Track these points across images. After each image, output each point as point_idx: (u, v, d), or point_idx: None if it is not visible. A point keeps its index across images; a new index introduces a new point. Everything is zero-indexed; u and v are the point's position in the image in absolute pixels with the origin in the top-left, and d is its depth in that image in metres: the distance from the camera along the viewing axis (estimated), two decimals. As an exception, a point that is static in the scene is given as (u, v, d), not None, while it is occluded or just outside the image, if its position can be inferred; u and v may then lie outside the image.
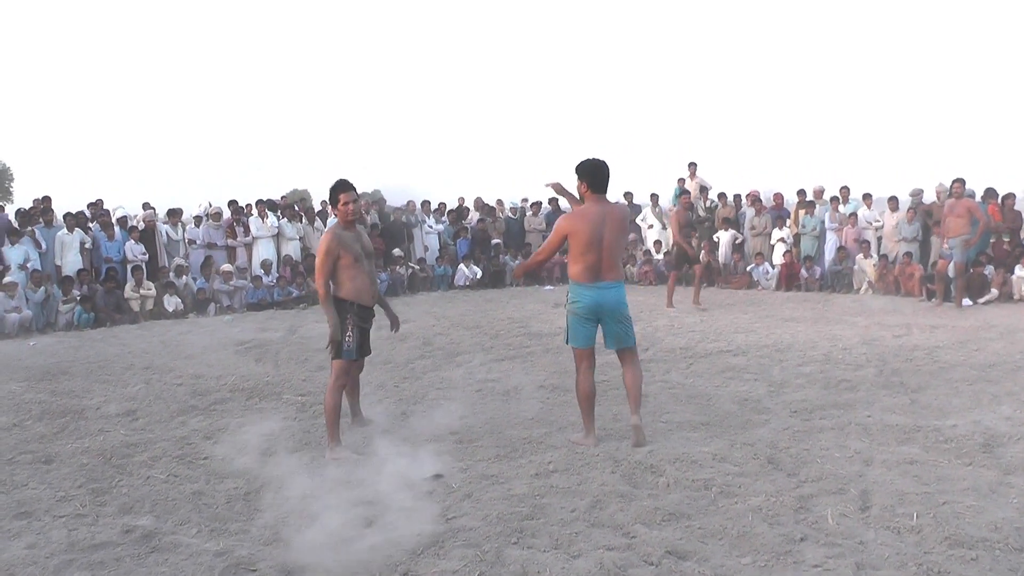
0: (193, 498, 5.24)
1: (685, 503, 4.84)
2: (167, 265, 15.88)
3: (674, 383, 8.17)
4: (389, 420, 7.05)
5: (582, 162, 6.13)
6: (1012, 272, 14.36)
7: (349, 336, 6.25)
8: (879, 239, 17.23)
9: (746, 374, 8.50)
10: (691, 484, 5.16)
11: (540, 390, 8.00)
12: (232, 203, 17.50)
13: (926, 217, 16.36)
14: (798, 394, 7.56)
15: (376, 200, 20.16)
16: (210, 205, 17.36)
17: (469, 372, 9.02)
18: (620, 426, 6.48)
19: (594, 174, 6.08)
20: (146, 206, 17.32)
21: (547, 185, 6.82)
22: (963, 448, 5.81)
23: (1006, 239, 15.51)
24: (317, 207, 19.60)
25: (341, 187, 6.26)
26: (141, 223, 16.55)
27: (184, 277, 15.56)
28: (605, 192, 6.14)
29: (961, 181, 14.06)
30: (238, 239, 16.91)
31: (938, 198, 16.29)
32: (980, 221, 13.70)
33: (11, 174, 45.98)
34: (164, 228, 16.51)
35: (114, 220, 16.08)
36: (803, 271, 16.90)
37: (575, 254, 6.05)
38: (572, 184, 6.31)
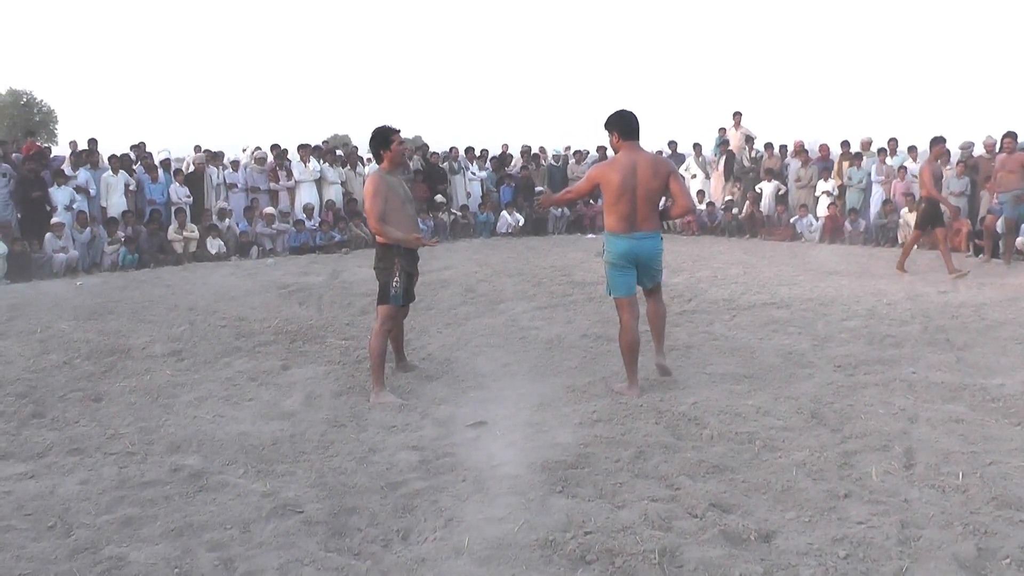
0: (239, 439, 5.32)
1: (729, 456, 4.83)
2: (210, 208, 15.99)
3: (717, 335, 8.13)
4: (433, 366, 7.09)
5: (609, 116, 6.15)
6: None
7: (396, 281, 6.24)
8: (927, 193, 16.90)
9: (790, 327, 8.44)
10: (735, 437, 5.15)
11: (583, 339, 7.99)
12: (275, 147, 17.53)
13: (973, 172, 16.02)
14: (842, 349, 7.49)
15: (419, 147, 20.13)
16: (259, 148, 17.42)
17: (512, 320, 9.03)
18: (663, 377, 6.46)
19: (622, 123, 6.08)
20: (197, 149, 17.40)
21: (538, 204, 6.89)
22: (1011, 408, 5.73)
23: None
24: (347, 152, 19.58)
25: (392, 130, 6.28)
26: (191, 166, 16.65)
27: (227, 220, 15.67)
28: (636, 139, 6.11)
29: (1013, 135, 13.72)
30: (280, 183, 16.96)
31: (987, 151, 15.93)
32: (1032, 176, 13.39)
33: (56, 116, 46.27)
34: (211, 171, 16.57)
35: (158, 163, 16.17)
36: (847, 224, 16.67)
37: (608, 204, 6.04)
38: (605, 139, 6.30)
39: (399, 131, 6.33)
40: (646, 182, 5.92)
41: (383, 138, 6.28)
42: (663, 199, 6.18)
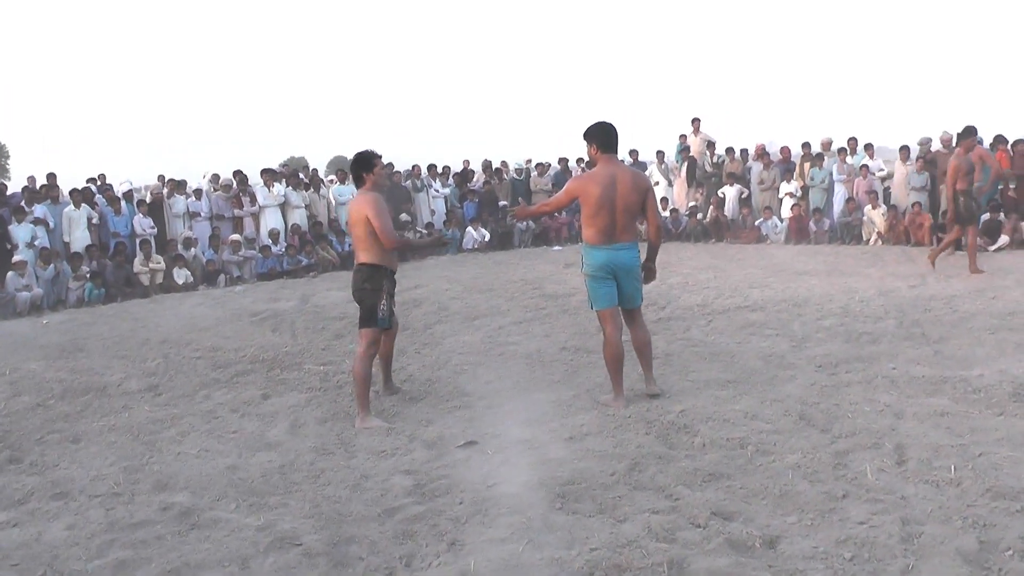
0: (228, 473, 5.23)
1: (723, 463, 4.83)
2: (175, 238, 15.82)
3: (696, 340, 8.16)
4: (415, 387, 7.05)
5: (589, 127, 6.13)
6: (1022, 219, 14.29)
7: (384, 304, 6.22)
8: (886, 189, 17.14)
9: (766, 329, 8.48)
10: (726, 443, 5.15)
11: (563, 352, 7.98)
12: (237, 173, 17.39)
13: (932, 167, 16.24)
14: (821, 348, 7.54)
15: (385, 167, 20.06)
16: (216, 178, 17.29)
17: (489, 336, 9.00)
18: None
19: (601, 135, 6.08)
20: (160, 178, 17.24)
21: (511, 216, 6.94)
22: (992, 398, 5.80)
23: (1012, 186, 15.44)
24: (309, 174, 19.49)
25: (375, 154, 6.34)
26: (148, 196, 16.47)
27: (193, 249, 15.51)
28: (615, 152, 6.14)
29: (973, 129, 13.91)
30: (245, 209, 16.83)
31: (944, 146, 16.17)
32: (991, 168, 13.57)
33: (7, 151, 45.74)
34: (171, 201, 16.40)
35: (120, 194, 15.98)
36: (812, 224, 16.82)
37: (587, 217, 6.02)
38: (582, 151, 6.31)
39: (381, 156, 6.39)
40: (625, 195, 5.92)
41: (366, 161, 6.31)
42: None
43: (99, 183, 16.89)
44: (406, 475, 4.98)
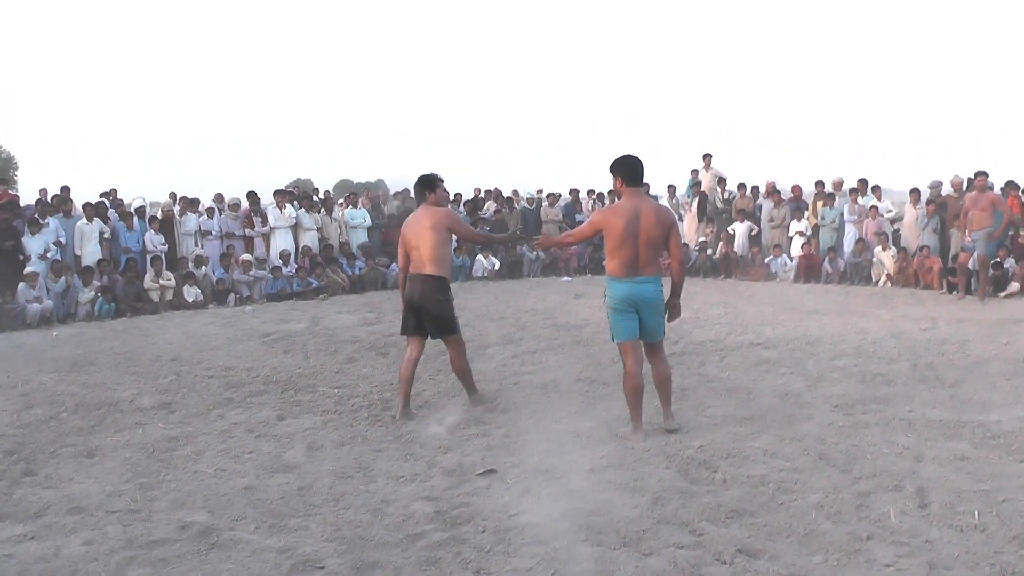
0: (246, 493, 5.21)
1: (746, 500, 4.82)
2: (186, 255, 15.84)
3: (711, 376, 8.15)
4: (431, 413, 7.02)
5: (615, 160, 6.16)
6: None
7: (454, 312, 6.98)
8: (896, 231, 17.19)
9: (780, 367, 8.48)
10: (747, 480, 5.14)
11: (578, 383, 7.97)
12: (251, 194, 17.44)
13: (942, 210, 16.29)
14: (836, 388, 7.53)
15: (398, 192, 20.12)
16: (220, 198, 17.35)
17: (503, 364, 8.99)
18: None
19: (627, 168, 6.10)
20: (172, 196, 17.29)
21: (534, 244, 7.22)
22: (1012, 444, 5.79)
23: (1023, 232, 15.49)
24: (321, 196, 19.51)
25: (439, 177, 6.99)
26: (160, 213, 16.51)
27: (203, 267, 15.53)
28: (639, 185, 6.15)
29: (984, 174, 14.00)
30: (256, 229, 16.86)
31: (954, 190, 16.24)
32: (1004, 214, 13.65)
33: (16, 163, 45.81)
34: (183, 219, 16.45)
35: (132, 210, 16.04)
36: (826, 263, 16.84)
37: (611, 249, 6.04)
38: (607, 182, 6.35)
39: (443, 179, 7.04)
40: (648, 229, 5.93)
41: (429, 182, 6.93)
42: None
43: (111, 198, 16.91)
44: (427, 501, 4.96)
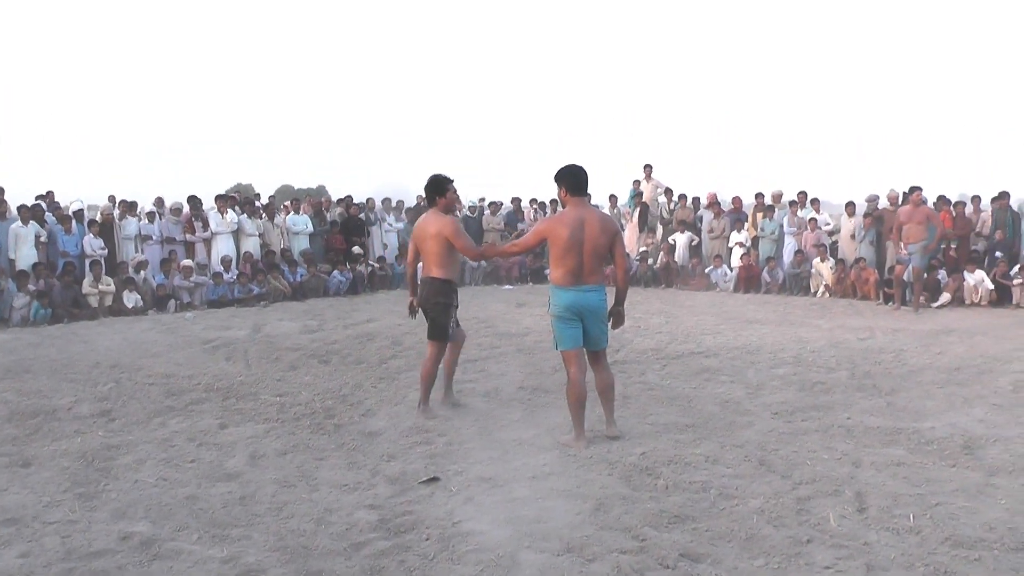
0: (188, 503, 5.14)
1: (688, 505, 4.88)
2: (126, 260, 15.57)
3: (652, 384, 8.23)
4: (373, 421, 7.00)
5: (559, 169, 6.21)
6: (963, 278, 14.70)
7: (455, 320, 7.05)
8: (834, 243, 17.52)
9: (721, 376, 8.59)
10: (689, 486, 5.21)
11: (520, 391, 8.00)
12: (192, 198, 17.20)
13: (879, 224, 16.65)
14: (776, 396, 7.66)
15: (342, 198, 19.97)
16: (161, 202, 17.10)
17: (445, 373, 8.97)
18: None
19: (571, 178, 6.15)
20: (111, 199, 16.97)
21: (477, 256, 7.42)
22: (945, 450, 5.95)
23: (954, 245, 15.92)
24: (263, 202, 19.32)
25: (448, 179, 7.00)
26: (99, 216, 16.18)
27: (143, 273, 15.28)
28: (584, 195, 6.20)
29: (919, 189, 14.38)
30: (197, 234, 16.64)
31: (891, 204, 16.63)
32: (937, 228, 14.02)
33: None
34: (123, 223, 16.16)
35: (70, 213, 15.71)
36: (765, 273, 17.10)
37: (555, 258, 6.09)
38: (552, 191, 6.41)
39: (453, 181, 7.02)
40: (593, 238, 5.99)
41: (439, 185, 6.95)
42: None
43: (48, 200, 16.55)
44: (371, 510, 4.94)
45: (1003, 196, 15.93)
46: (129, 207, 16.50)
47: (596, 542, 4.35)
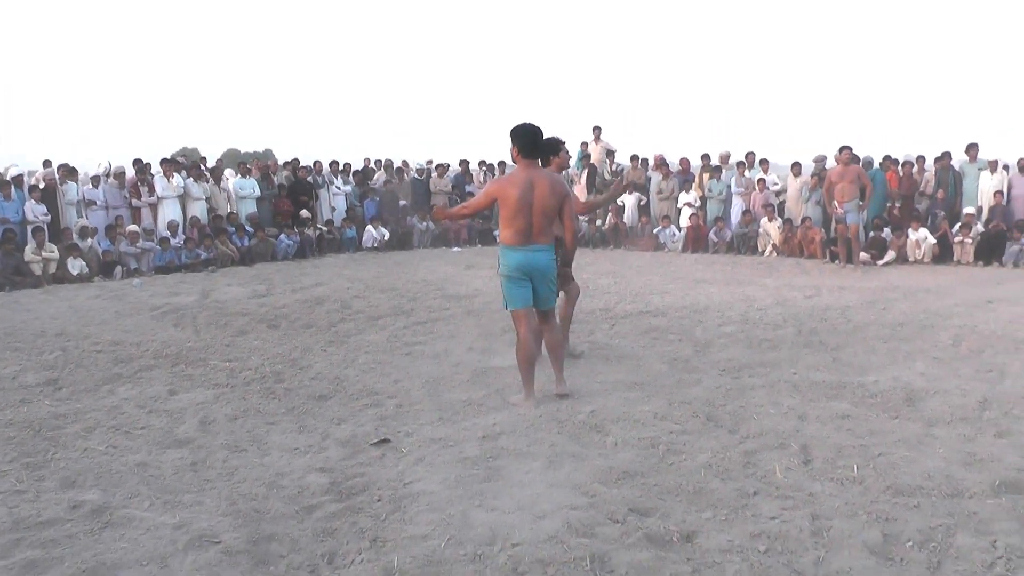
0: (138, 470, 5.11)
1: (636, 461, 4.95)
2: (70, 226, 15.27)
3: (601, 344, 8.31)
4: (324, 385, 6.98)
5: (514, 127, 6.17)
6: (907, 235, 14.97)
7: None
8: (781, 203, 17.72)
9: (669, 335, 8.69)
10: (638, 443, 5.28)
11: (470, 352, 8.03)
12: (137, 162, 16.90)
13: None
14: (723, 353, 7.78)
15: (289, 161, 19.76)
16: (110, 165, 16.76)
17: (394, 335, 8.98)
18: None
19: (524, 138, 6.13)
20: (46, 164, 16.60)
21: (432, 216, 7.23)
22: (888, 403, 6.10)
23: (898, 204, 16.19)
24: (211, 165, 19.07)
25: (560, 140, 7.06)
26: (41, 182, 15.82)
27: (89, 239, 15.01)
28: (535, 158, 6.19)
29: (848, 148, 14.53)
30: (143, 199, 16.37)
31: (839, 164, 16.83)
32: (867, 186, 14.30)
33: None
34: (64, 188, 15.81)
35: (9, 178, 15.33)
36: (713, 233, 17.25)
37: (505, 219, 6.09)
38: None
39: (564, 142, 7.11)
40: (543, 199, 6.00)
41: (553, 146, 6.94)
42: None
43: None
44: (321, 473, 4.95)
45: (945, 156, 16.24)
46: (69, 172, 16.12)
47: (546, 499, 4.41)
